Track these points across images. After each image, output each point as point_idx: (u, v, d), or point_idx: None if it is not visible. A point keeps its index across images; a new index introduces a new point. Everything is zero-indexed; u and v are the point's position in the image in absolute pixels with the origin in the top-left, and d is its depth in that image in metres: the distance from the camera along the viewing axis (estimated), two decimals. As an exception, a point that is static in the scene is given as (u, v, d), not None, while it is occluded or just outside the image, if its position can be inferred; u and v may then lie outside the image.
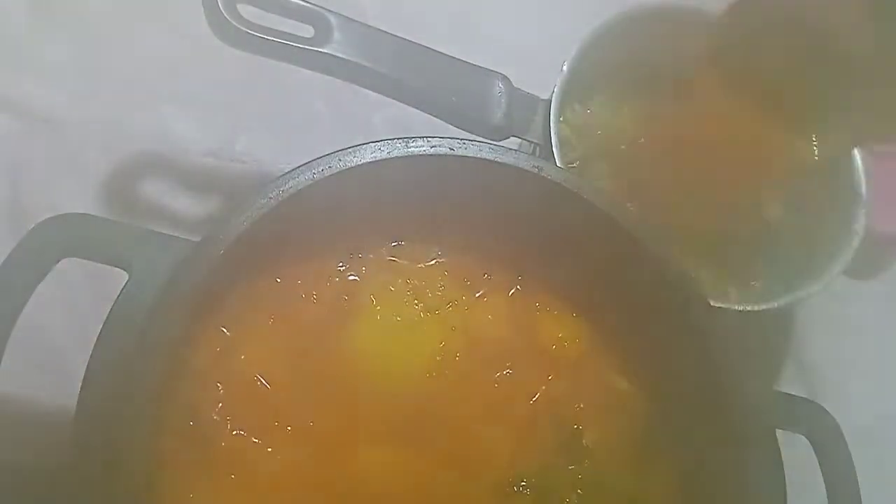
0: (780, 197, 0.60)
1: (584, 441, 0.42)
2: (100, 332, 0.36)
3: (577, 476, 0.42)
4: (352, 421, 0.41)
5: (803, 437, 0.43)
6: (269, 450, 0.39)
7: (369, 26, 0.48)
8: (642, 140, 0.59)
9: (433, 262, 0.45)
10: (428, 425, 0.41)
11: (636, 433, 0.43)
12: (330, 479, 0.40)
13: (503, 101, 0.50)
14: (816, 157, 0.56)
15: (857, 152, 0.56)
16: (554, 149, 0.50)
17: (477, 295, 0.44)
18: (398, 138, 0.40)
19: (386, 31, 0.49)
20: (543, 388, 0.43)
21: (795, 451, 0.42)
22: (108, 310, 0.37)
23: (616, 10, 0.55)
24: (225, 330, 0.41)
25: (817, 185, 0.58)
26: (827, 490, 0.42)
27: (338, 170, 0.39)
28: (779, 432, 0.41)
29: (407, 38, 0.49)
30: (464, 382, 0.42)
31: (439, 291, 0.44)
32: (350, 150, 0.40)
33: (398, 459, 0.41)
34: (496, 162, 0.41)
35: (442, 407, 0.42)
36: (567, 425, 0.42)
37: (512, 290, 0.45)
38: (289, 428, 0.40)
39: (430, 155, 0.40)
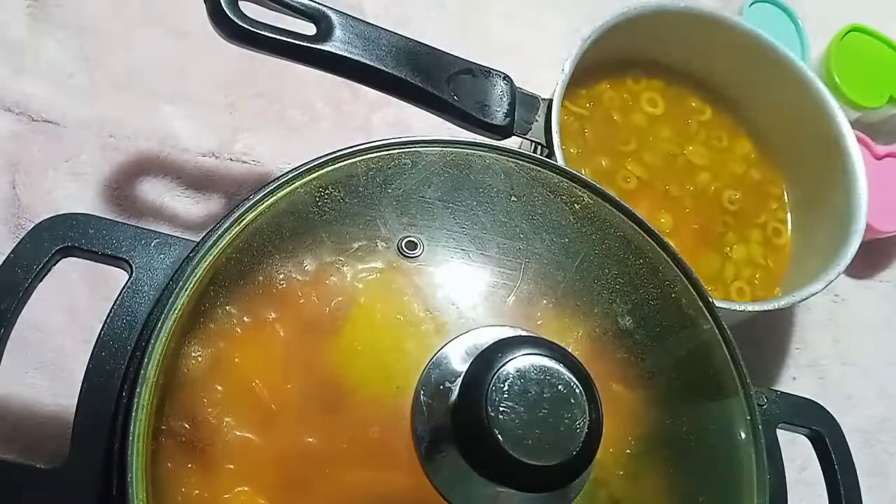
0: (781, 199, 0.60)
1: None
2: (100, 332, 0.36)
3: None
4: (346, 427, 0.41)
5: (804, 437, 0.43)
6: (268, 450, 0.39)
7: (371, 24, 0.48)
8: (644, 140, 0.59)
9: (434, 262, 0.44)
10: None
11: (635, 437, 0.43)
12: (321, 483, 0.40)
13: (505, 100, 0.50)
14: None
15: (856, 152, 0.56)
16: (555, 148, 0.50)
17: (479, 299, 0.44)
18: (398, 138, 0.40)
19: (387, 29, 0.49)
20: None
21: (795, 451, 0.42)
22: (108, 310, 0.37)
23: (616, 9, 0.55)
24: (225, 330, 0.41)
25: (817, 185, 0.58)
26: (828, 490, 0.42)
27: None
28: (779, 432, 0.41)
29: (408, 36, 0.49)
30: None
31: (440, 293, 0.44)
32: (350, 149, 0.39)
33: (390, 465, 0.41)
34: (497, 162, 0.41)
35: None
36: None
37: (513, 298, 0.45)
38: (285, 429, 0.40)
39: (430, 155, 0.40)
